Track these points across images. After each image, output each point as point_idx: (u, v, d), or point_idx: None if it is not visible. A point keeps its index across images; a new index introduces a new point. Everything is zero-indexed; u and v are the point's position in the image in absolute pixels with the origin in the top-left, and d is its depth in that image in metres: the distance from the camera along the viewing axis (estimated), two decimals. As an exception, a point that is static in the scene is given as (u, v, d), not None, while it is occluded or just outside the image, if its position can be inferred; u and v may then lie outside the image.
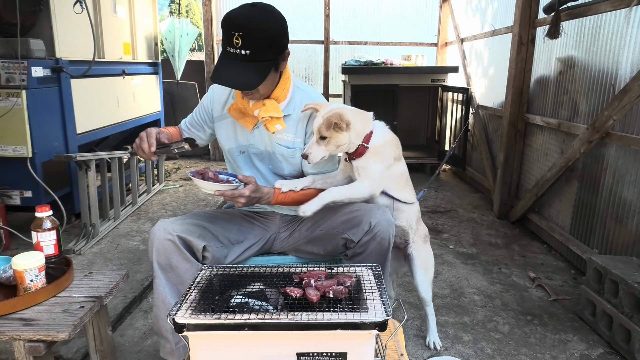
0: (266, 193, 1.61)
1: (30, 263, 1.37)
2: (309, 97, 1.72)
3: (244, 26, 1.44)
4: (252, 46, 1.45)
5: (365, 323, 1.06)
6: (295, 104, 1.70)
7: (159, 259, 1.52)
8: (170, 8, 9.78)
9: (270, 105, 1.60)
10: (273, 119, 1.61)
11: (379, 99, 5.36)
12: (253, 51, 1.46)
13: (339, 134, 1.63)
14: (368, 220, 1.58)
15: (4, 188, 3.08)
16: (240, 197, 1.52)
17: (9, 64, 2.87)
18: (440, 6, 6.19)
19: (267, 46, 1.49)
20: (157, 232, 1.53)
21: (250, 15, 1.45)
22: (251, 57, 1.47)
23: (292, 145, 1.70)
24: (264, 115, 1.59)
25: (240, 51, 1.46)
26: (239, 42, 1.44)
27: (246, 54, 1.46)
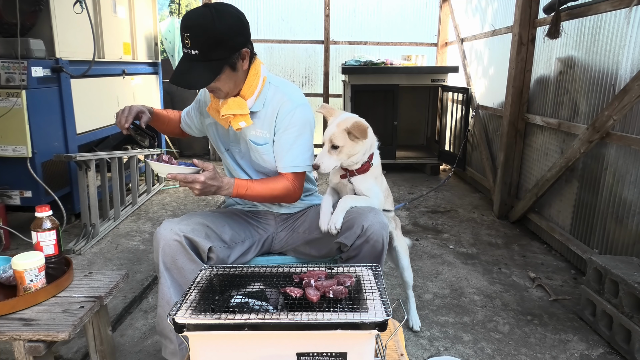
0: (226, 183, 1.56)
1: (30, 263, 1.37)
2: (281, 92, 1.66)
3: (190, 27, 1.45)
4: (200, 46, 1.46)
5: (365, 323, 1.06)
6: (266, 100, 1.66)
7: (164, 259, 1.52)
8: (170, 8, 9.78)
9: (233, 103, 1.59)
10: (237, 116, 1.60)
11: (379, 99, 5.36)
12: (201, 51, 1.46)
13: (356, 143, 1.61)
14: (361, 224, 1.57)
15: (4, 188, 3.08)
16: (194, 183, 1.47)
17: (9, 64, 2.87)
18: (440, 6, 6.19)
19: (215, 45, 1.47)
20: (164, 232, 1.53)
21: (197, 16, 1.46)
22: (200, 56, 1.47)
23: (264, 141, 1.68)
24: (225, 112, 1.58)
25: (191, 51, 1.47)
26: (188, 42, 1.46)
27: (195, 54, 1.47)
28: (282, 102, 1.65)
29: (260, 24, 6.27)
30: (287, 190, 1.67)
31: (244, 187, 1.61)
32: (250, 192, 1.62)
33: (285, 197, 1.69)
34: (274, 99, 1.66)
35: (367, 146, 1.68)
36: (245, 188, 1.61)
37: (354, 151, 1.64)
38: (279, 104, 1.65)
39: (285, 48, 6.33)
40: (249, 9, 6.24)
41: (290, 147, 1.65)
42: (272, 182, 1.67)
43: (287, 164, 1.67)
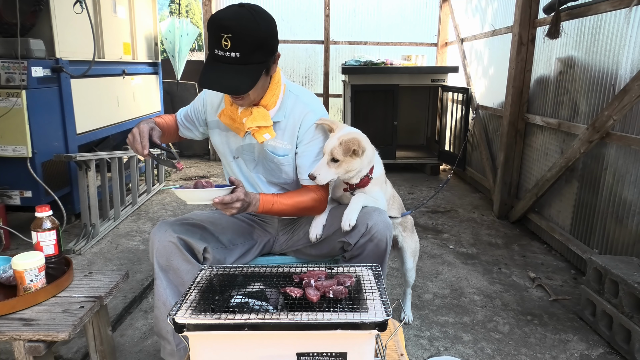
0: (253, 198, 1.52)
1: (30, 263, 1.37)
2: (302, 102, 1.64)
3: (232, 27, 1.36)
4: (242, 48, 1.38)
5: (365, 323, 1.06)
6: (287, 110, 1.62)
7: (159, 260, 1.52)
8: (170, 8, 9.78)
9: (258, 114, 1.54)
10: (261, 129, 1.55)
11: (379, 99, 5.36)
12: (243, 54, 1.39)
13: (353, 159, 1.62)
14: (365, 222, 1.58)
15: (4, 188, 3.08)
16: (236, 202, 1.42)
17: (9, 64, 2.87)
18: (440, 6, 6.20)
19: (257, 48, 1.41)
20: (158, 233, 1.53)
21: (238, 16, 1.38)
22: (241, 59, 1.40)
23: (284, 152, 1.64)
24: (251, 125, 1.53)
25: (230, 54, 1.39)
26: (227, 44, 1.37)
27: (236, 57, 1.39)
28: (305, 113, 1.62)
29: (260, 24, 6.27)
30: (314, 201, 1.64)
31: (270, 202, 1.56)
32: (277, 207, 1.58)
33: (312, 208, 1.66)
34: (294, 109, 1.62)
35: (365, 162, 1.69)
36: (271, 203, 1.56)
37: (352, 167, 1.64)
38: (301, 115, 1.62)
39: (285, 48, 6.33)
40: (249, 9, 6.23)
41: (315, 159, 1.64)
42: (297, 195, 1.63)
43: None
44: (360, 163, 1.66)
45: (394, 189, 2.02)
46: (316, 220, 1.71)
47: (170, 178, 5.22)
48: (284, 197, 1.61)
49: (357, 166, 1.65)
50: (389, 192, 1.92)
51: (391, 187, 1.98)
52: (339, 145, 1.59)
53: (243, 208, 1.47)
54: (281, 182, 1.73)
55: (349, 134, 1.62)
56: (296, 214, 1.68)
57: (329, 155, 1.60)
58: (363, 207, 1.65)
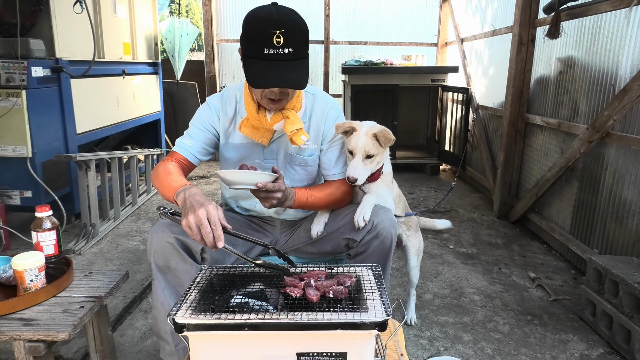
0: (290, 192, 1.51)
1: (30, 263, 1.37)
2: (321, 100, 1.68)
3: (284, 22, 1.36)
4: (295, 43, 1.37)
5: (365, 323, 1.06)
6: (308, 111, 1.66)
7: (157, 260, 1.51)
8: (170, 8, 9.78)
9: (294, 117, 1.54)
10: (299, 131, 1.54)
11: (379, 99, 5.37)
12: (296, 48, 1.38)
13: (384, 150, 1.68)
14: (371, 220, 1.58)
15: (4, 188, 3.08)
16: (278, 192, 1.40)
17: (9, 64, 2.87)
18: (440, 6, 6.20)
19: (305, 42, 1.43)
20: (156, 234, 1.52)
21: (285, 12, 1.39)
22: (294, 54, 1.38)
23: (311, 153, 1.68)
24: (292, 128, 1.51)
25: (283, 50, 1.36)
26: (280, 40, 1.35)
27: (289, 52, 1.37)
28: (326, 110, 1.66)
29: (260, 24, 6.27)
30: (343, 193, 1.68)
31: (305, 196, 1.57)
32: (312, 200, 1.60)
33: (342, 200, 1.70)
34: (315, 108, 1.66)
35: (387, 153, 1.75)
36: (305, 197, 1.58)
37: (381, 158, 1.70)
38: (323, 112, 1.65)
39: (285, 48, 6.32)
40: (249, 9, 6.23)
41: (341, 154, 1.70)
42: (328, 187, 1.67)
43: (340, 170, 1.70)
44: (386, 153, 1.72)
45: (399, 189, 2.03)
46: (318, 218, 1.72)
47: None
48: (316, 190, 1.64)
49: (384, 156, 1.72)
50: (395, 191, 1.94)
51: (397, 186, 2.00)
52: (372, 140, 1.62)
53: (281, 201, 1.47)
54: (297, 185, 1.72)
55: (374, 126, 1.66)
56: (328, 207, 1.70)
57: (363, 153, 1.62)
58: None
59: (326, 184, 1.72)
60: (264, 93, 1.48)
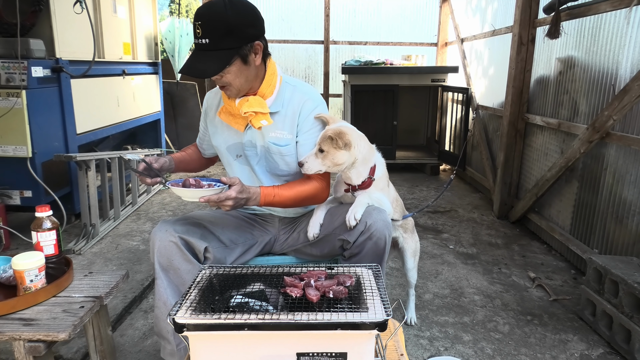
0: (253, 193, 1.54)
1: (30, 263, 1.37)
2: (300, 91, 1.67)
3: (202, 14, 1.46)
4: (211, 34, 1.45)
5: (365, 323, 1.06)
6: (284, 100, 1.66)
7: (160, 260, 1.52)
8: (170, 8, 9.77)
9: (254, 101, 1.58)
10: (258, 114, 1.58)
11: (379, 99, 5.36)
12: (212, 39, 1.46)
13: (337, 151, 1.61)
14: (364, 221, 1.58)
15: (4, 188, 3.08)
16: (227, 200, 1.45)
17: (9, 64, 2.87)
18: (440, 6, 6.20)
19: (225, 34, 1.46)
20: (159, 233, 1.53)
21: (210, 5, 1.47)
22: (211, 45, 1.46)
23: (286, 142, 1.67)
24: (247, 110, 1.56)
25: (201, 40, 1.47)
26: (199, 31, 1.46)
27: (206, 43, 1.46)
28: (303, 101, 1.65)
29: (260, 24, 6.27)
30: (316, 189, 1.66)
31: (271, 195, 1.58)
32: (279, 199, 1.59)
33: (315, 197, 1.68)
34: (293, 98, 1.66)
35: (353, 158, 1.66)
36: (272, 195, 1.58)
37: (338, 160, 1.63)
38: (299, 103, 1.65)
39: (285, 48, 6.33)
40: (249, 9, 6.24)
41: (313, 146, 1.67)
42: (299, 185, 1.65)
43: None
44: (347, 157, 1.64)
45: (396, 192, 2.02)
46: (313, 219, 1.72)
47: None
48: (285, 188, 1.63)
49: (344, 159, 1.63)
50: (392, 195, 1.92)
51: (394, 190, 1.98)
52: (324, 136, 1.62)
53: (240, 204, 1.50)
54: (284, 175, 1.74)
55: (338, 127, 1.63)
56: (299, 204, 1.69)
57: (317, 145, 1.63)
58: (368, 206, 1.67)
59: (297, 180, 1.70)
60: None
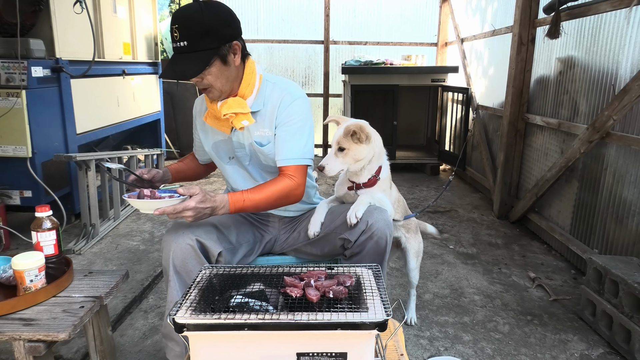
0: (219, 202, 1.48)
1: (30, 263, 1.37)
2: (279, 88, 1.64)
3: (179, 18, 1.47)
4: (188, 36, 1.46)
5: (365, 323, 1.06)
6: (265, 98, 1.64)
7: (175, 262, 1.50)
8: (170, 8, 9.78)
9: (234, 102, 1.58)
10: (238, 115, 1.57)
11: (379, 99, 5.36)
12: (190, 42, 1.46)
13: (359, 146, 1.64)
14: (365, 220, 1.58)
15: (4, 188, 3.08)
16: (185, 211, 1.39)
17: (9, 64, 2.87)
18: (440, 6, 6.20)
19: (203, 35, 1.46)
20: (175, 235, 1.52)
21: (185, 9, 1.49)
22: (189, 47, 1.46)
23: (267, 140, 1.64)
24: (227, 111, 1.56)
25: (179, 43, 1.47)
26: (177, 35, 1.47)
27: (184, 46, 1.46)
28: (282, 96, 1.62)
29: (260, 24, 6.28)
30: (288, 188, 1.57)
31: (241, 200, 1.52)
32: (249, 203, 1.53)
33: (287, 196, 1.59)
34: (272, 95, 1.64)
35: (372, 153, 1.71)
36: (242, 200, 1.52)
37: (359, 155, 1.66)
38: (278, 99, 1.62)
39: (285, 48, 6.33)
40: (249, 9, 6.24)
41: (290, 139, 1.60)
42: (269, 185, 1.58)
43: (286, 156, 1.59)
44: (367, 151, 1.67)
45: (399, 193, 2.03)
46: (314, 217, 1.72)
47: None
48: (254, 191, 1.56)
49: (364, 154, 1.67)
50: (394, 196, 1.92)
51: (396, 190, 1.98)
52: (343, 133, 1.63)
53: (204, 214, 1.45)
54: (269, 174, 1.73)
55: (353, 122, 1.67)
56: (272, 205, 1.61)
57: (336, 145, 1.64)
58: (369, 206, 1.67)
59: (269, 181, 1.61)
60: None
